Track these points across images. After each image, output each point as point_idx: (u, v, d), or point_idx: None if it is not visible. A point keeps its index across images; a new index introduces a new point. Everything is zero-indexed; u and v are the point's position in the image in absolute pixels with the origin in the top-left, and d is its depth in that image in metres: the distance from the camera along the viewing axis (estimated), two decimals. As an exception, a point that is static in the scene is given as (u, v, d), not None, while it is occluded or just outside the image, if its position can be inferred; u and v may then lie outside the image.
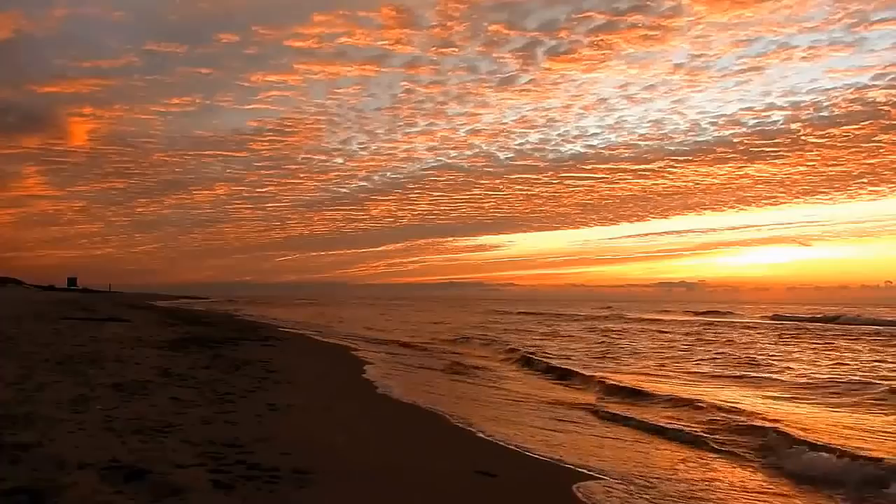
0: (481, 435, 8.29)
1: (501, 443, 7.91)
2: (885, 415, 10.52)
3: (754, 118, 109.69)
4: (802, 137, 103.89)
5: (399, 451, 7.18)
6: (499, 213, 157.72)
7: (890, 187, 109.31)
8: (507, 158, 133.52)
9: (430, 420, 9.34)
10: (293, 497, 4.93)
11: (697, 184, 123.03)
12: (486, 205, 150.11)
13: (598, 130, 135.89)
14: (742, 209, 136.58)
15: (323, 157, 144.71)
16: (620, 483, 6.38)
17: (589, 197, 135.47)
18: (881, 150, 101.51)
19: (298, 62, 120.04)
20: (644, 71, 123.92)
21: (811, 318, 52.01)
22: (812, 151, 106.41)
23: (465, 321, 44.94)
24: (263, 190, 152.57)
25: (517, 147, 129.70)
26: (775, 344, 26.23)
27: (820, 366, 17.98)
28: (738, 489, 6.59)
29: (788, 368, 16.99)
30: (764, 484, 6.87)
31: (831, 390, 13.15)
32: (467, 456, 7.22)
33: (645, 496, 5.94)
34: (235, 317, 40.90)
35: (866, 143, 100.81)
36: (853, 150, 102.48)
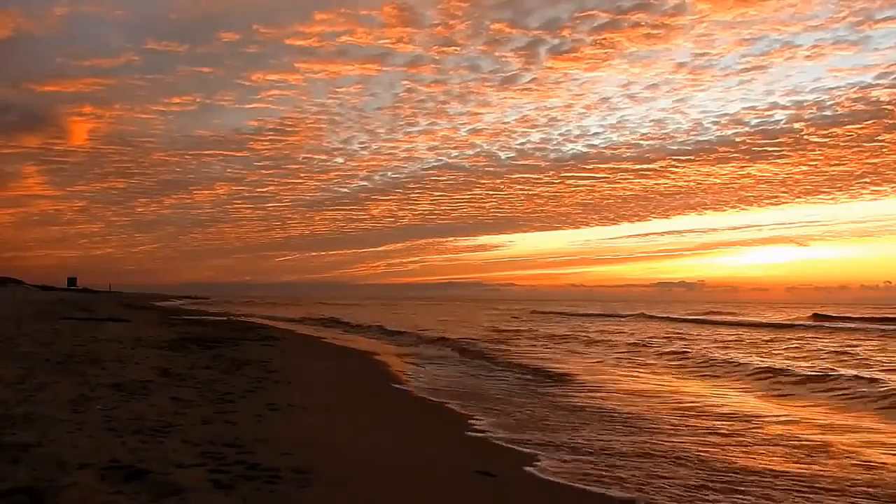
0: (486, 434, 8.30)
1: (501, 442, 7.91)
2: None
3: (757, 117, 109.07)
4: (805, 137, 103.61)
5: (401, 450, 7.18)
6: (500, 213, 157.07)
7: (892, 187, 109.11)
8: (508, 158, 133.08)
9: (437, 418, 9.35)
10: (293, 497, 4.93)
11: (699, 183, 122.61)
12: (487, 205, 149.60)
13: (600, 130, 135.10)
14: (743, 209, 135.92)
15: (324, 157, 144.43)
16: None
17: (590, 197, 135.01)
18: (884, 150, 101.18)
19: (299, 61, 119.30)
20: (646, 70, 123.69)
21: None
22: (814, 151, 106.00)
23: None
24: (264, 190, 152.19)
25: (518, 147, 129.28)
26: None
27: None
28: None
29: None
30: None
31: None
32: (470, 454, 7.22)
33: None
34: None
35: (869, 143, 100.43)
36: (856, 149, 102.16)
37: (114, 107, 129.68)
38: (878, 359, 19.25)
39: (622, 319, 49.58)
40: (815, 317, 48.28)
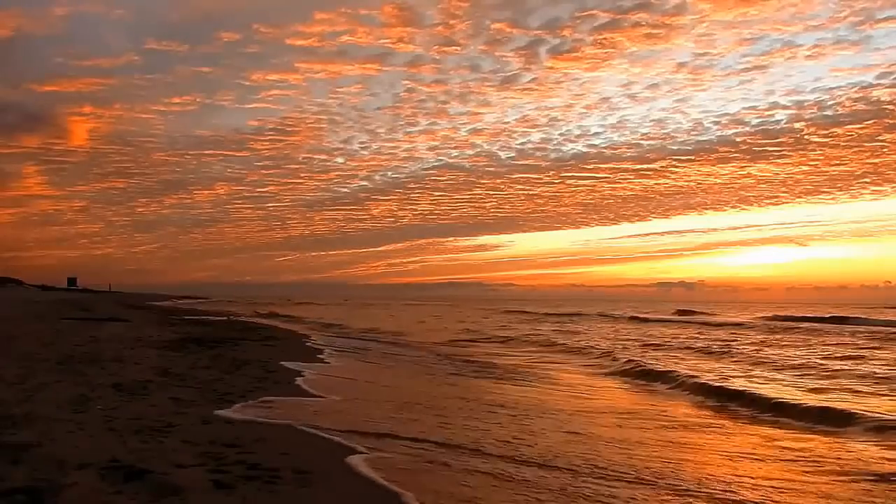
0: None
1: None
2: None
3: (757, 117, 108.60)
4: (806, 137, 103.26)
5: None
6: (500, 212, 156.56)
7: (893, 187, 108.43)
8: (508, 158, 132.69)
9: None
10: (293, 497, 4.93)
11: (699, 183, 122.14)
12: (488, 205, 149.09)
13: (601, 130, 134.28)
14: (744, 209, 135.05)
15: (324, 157, 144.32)
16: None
17: (590, 197, 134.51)
18: (885, 150, 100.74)
19: (300, 61, 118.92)
20: (647, 70, 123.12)
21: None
22: (815, 151, 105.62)
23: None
24: (264, 190, 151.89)
25: (519, 146, 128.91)
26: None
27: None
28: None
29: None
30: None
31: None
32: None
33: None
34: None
35: (870, 143, 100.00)
36: (856, 149, 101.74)
37: (114, 107, 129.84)
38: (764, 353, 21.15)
39: (564, 319, 50.13)
40: (774, 317, 49.35)
